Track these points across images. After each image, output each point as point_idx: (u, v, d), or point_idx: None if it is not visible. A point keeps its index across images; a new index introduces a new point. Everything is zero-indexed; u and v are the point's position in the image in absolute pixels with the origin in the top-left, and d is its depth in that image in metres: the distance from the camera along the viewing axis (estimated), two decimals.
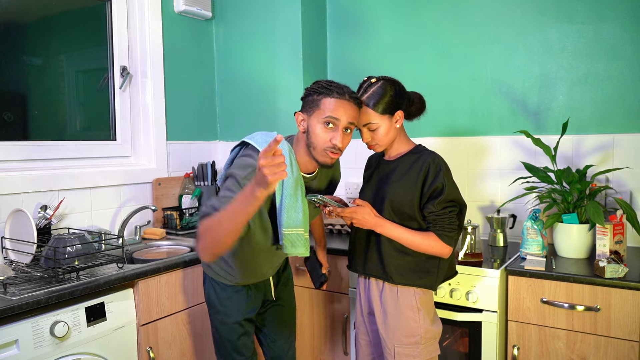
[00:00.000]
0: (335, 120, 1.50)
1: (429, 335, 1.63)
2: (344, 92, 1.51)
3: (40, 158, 2.20)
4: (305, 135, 1.55)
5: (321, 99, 1.52)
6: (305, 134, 1.55)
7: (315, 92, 1.53)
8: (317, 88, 1.54)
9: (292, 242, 1.56)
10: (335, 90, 1.51)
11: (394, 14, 2.65)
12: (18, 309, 1.46)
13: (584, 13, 2.20)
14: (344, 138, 1.53)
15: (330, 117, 1.50)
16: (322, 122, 1.51)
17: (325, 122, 1.50)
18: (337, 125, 1.51)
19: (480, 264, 1.94)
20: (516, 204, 2.27)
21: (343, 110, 1.50)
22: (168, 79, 2.66)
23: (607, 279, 1.69)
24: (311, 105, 1.54)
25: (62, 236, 1.79)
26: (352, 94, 1.53)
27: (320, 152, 1.53)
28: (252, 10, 2.76)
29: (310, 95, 1.55)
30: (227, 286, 1.77)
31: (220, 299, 1.77)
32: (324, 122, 1.50)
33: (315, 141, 1.53)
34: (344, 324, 2.25)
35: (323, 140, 1.52)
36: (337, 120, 1.50)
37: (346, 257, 2.29)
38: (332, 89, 1.51)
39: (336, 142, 1.50)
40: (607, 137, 2.18)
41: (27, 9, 2.26)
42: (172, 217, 2.57)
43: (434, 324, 1.66)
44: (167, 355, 1.95)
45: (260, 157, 1.17)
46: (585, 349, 1.75)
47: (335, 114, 1.49)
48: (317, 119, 1.52)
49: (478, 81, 2.45)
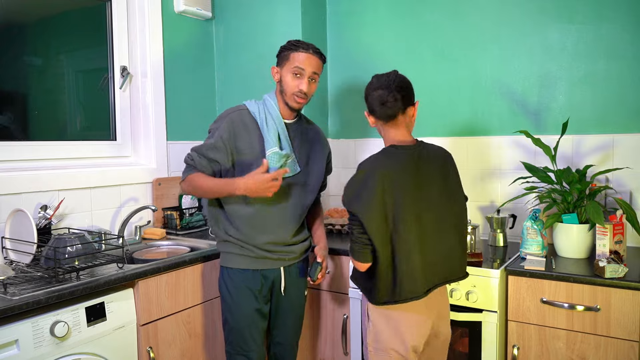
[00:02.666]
0: (301, 70, 1.83)
1: (378, 346, 1.63)
2: (308, 48, 1.84)
3: (40, 158, 2.20)
4: (279, 84, 1.89)
5: (290, 53, 1.85)
6: (279, 83, 1.89)
7: (287, 48, 1.86)
8: (288, 45, 1.87)
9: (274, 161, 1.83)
10: (302, 47, 1.84)
11: (393, 14, 2.65)
12: (18, 309, 1.46)
13: (584, 13, 2.20)
14: (310, 85, 1.86)
15: (298, 68, 1.83)
16: (291, 72, 1.84)
17: (294, 72, 1.83)
18: (303, 75, 1.83)
19: (480, 264, 1.94)
20: (516, 204, 2.27)
21: (308, 62, 1.83)
22: (168, 78, 2.66)
23: (607, 279, 1.69)
24: (283, 59, 1.87)
25: (62, 236, 1.78)
26: (315, 49, 1.86)
27: (290, 97, 1.86)
28: (252, 10, 2.76)
29: (283, 51, 1.88)
30: (239, 275, 1.88)
31: (230, 289, 1.90)
32: (293, 72, 1.83)
33: (286, 88, 1.86)
34: (344, 324, 2.25)
35: (292, 86, 1.84)
36: (303, 70, 1.83)
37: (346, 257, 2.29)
38: (299, 45, 1.84)
39: (302, 87, 1.84)
40: (607, 137, 2.18)
41: (27, 9, 2.26)
42: (172, 217, 2.57)
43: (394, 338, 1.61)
44: (167, 355, 1.95)
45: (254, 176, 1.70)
46: (585, 349, 1.75)
47: (301, 65, 1.83)
48: (287, 69, 1.85)
49: (478, 81, 2.45)
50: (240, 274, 1.89)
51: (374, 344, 1.64)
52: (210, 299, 2.12)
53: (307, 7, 2.67)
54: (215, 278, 2.11)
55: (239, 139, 1.85)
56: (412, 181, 1.56)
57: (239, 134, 1.86)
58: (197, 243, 2.33)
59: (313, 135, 2.03)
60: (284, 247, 1.92)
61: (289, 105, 1.88)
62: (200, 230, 2.59)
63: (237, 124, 1.86)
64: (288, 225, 1.92)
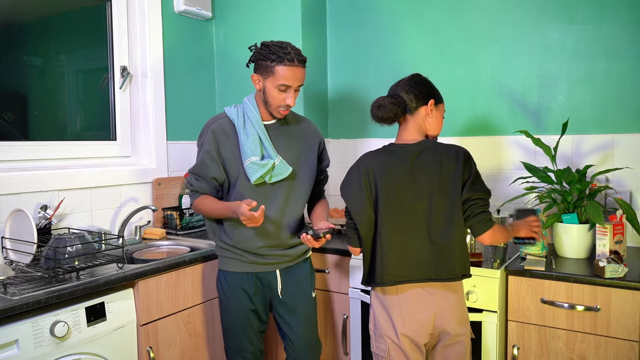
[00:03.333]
0: (288, 87, 1.77)
1: (376, 332, 1.70)
2: (293, 59, 1.74)
3: (40, 158, 2.20)
4: (262, 92, 1.82)
5: (274, 66, 1.75)
6: (262, 92, 1.82)
7: (268, 58, 1.75)
8: (268, 54, 1.75)
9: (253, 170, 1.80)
10: (286, 58, 1.73)
11: (393, 14, 2.65)
12: (18, 309, 1.46)
13: (584, 13, 2.20)
14: (295, 96, 1.80)
15: (283, 85, 1.76)
16: (277, 87, 1.76)
17: (280, 88, 1.76)
18: (289, 90, 1.78)
19: (480, 264, 1.94)
20: (516, 204, 2.27)
21: (295, 77, 1.76)
22: (168, 79, 2.66)
23: (607, 279, 1.69)
24: (265, 70, 1.77)
25: (62, 236, 1.79)
26: (300, 57, 1.77)
27: (275, 109, 1.82)
28: (252, 10, 2.76)
29: (264, 59, 1.77)
30: (233, 276, 1.90)
31: (225, 290, 1.92)
32: (278, 88, 1.76)
33: (271, 100, 1.80)
34: (344, 324, 2.25)
35: (277, 100, 1.79)
36: (290, 87, 1.77)
37: (346, 257, 2.28)
38: (284, 57, 1.73)
39: (289, 102, 1.79)
40: (607, 137, 2.18)
41: (27, 9, 2.26)
42: (172, 217, 2.57)
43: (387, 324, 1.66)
44: (167, 355, 1.95)
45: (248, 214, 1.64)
46: (585, 349, 1.75)
47: (287, 82, 1.76)
48: (272, 84, 1.77)
49: (478, 81, 2.45)
50: (235, 276, 1.90)
51: (374, 329, 1.72)
52: (210, 299, 2.13)
53: (307, 7, 2.67)
54: (215, 278, 2.11)
55: (223, 149, 1.85)
56: (400, 178, 1.62)
57: (222, 143, 1.85)
58: (197, 243, 2.33)
59: (302, 131, 1.97)
60: (279, 250, 1.91)
61: (273, 114, 1.85)
62: (200, 230, 2.59)
63: (218, 134, 1.85)
64: (283, 229, 1.90)
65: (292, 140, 1.93)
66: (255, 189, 1.85)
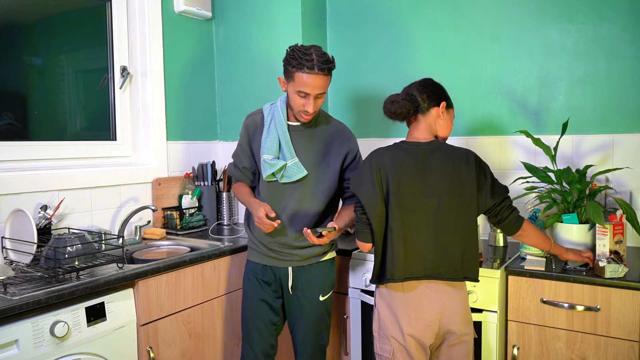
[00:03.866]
0: (306, 94, 1.77)
1: (381, 333, 1.70)
2: (313, 66, 1.73)
3: (40, 158, 2.20)
4: (287, 95, 1.86)
5: (295, 72, 1.76)
6: (287, 95, 1.86)
7: (290, 63, 1.77)
8: (291, 60, 1.76)
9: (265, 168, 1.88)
10: (306, 65, 1.73)
11: (393, 14, 2.65)
12: (18, 309, 1.46)
13: (584, 13, 2.20)
14: (315, 103, 1.80)
15: (302, 92, 1.77)
16: (296, 93, 1.78)
17: (299, 94, 1.78)
18: (308, 97, 1.78)
19: (480, 264, 1.93)
20: (516, 204, 2.25)
21: (313, 85, 1.75)
22: (168, 79, 2.66)
23: (607, 279, 1.69)
24: (288, 74, 1.80)
25: (62, 236, 1.79)
26: (322, 65, 1.74)
27: (297, 112, 1.84)
28: (252, 10, 2.76)
29: (288, 63, 1.78)
30: (252, 266, 2.00)
31: (245, 279, 2.03)
32: (297, 94, 1.78)
33: (293, 104, 1.83)
34: (344, 324, 2.25)
35: (298, 105, 1.81)
36: (308, 94, 1.77)
37: (346, 257, 2.28)
38: (304, 63, 1.73)
39: (308, 109, 1.80)
40: (607, 137, 2.18)
41: (27, 9, 2.26)
42: (172, 217, 2.57)
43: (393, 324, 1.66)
44: (167, 355, 1.95)
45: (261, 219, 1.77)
46: (585, 349, 1.75)
47: (305, 89, 1.76)
48: (292, 89, 1.79)
49: (478, 81, 2.45)
50: (254, 266, 2.00)
51: (378, 329, 1.71)
52: (210, 299, 2.13)
53: (307, 7, 2.67)
54: (215, 278, 2.12)
55: (253, 142, 1.98)
56: (411, 174, 1.64)
57: (253, 137, 1.98)
58: (197, 243, 2.33)
59: (330, 136, 1.94)
60: (287, 249, 1.93)
61: (296, 117, 1.88)
62: (200, 230, 2.59)
63: (250, 128, 1.99)
64: (291, 229, 1.92)
65: (315, 142, 1.92)
66: (268, 185, 1.93)
